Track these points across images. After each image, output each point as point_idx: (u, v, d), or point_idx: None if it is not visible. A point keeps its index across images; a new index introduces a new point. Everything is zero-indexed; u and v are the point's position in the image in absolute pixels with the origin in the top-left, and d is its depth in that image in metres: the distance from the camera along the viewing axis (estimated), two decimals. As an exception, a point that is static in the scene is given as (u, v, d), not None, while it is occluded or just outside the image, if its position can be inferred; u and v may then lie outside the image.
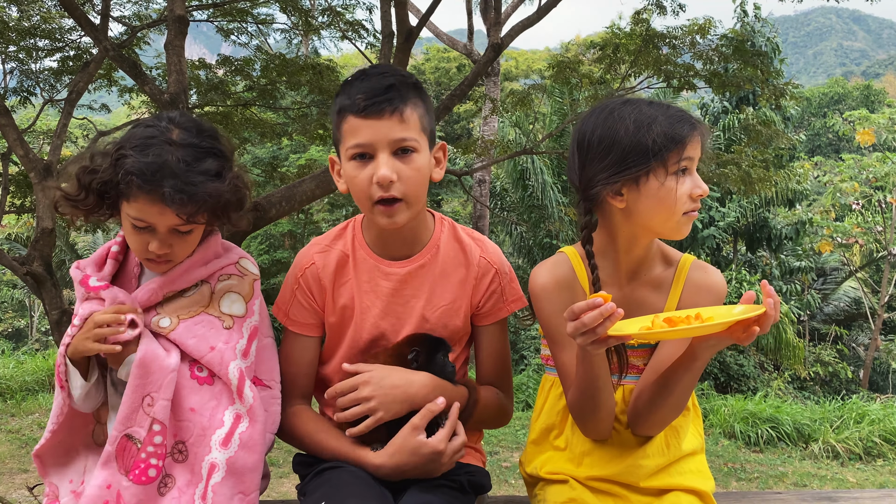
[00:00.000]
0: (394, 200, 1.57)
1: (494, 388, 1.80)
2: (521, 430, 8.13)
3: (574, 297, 1.61)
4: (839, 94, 43.13)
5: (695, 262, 1.64)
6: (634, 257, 1.62)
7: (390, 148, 1.56)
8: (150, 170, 1.46)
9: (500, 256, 1.79)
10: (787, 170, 15.27)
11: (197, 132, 1.55)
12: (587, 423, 1.60)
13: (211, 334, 1.59)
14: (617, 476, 1.60)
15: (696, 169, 1.54)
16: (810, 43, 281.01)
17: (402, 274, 1.71)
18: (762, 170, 7.87)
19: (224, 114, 8.69)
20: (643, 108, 1.54)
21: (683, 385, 1.49)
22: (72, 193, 1.55)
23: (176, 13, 5.14)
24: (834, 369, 15.00)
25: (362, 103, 1.56)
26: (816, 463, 7.39)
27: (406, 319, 1.72)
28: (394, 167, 1.56)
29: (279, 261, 15.52)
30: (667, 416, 1.56)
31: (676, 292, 1.61)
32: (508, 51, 12.38)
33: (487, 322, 1.77)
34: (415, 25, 5.89)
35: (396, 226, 1.61)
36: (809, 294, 16.74)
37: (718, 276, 1.63)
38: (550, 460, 1.69)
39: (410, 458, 1.55)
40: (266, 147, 14.63)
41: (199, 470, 1.51)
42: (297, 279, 1.75)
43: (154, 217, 1.51)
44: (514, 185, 14.45)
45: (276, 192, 5.31)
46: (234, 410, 1.55)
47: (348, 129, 1.59)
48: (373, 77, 1.60)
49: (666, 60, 7.55)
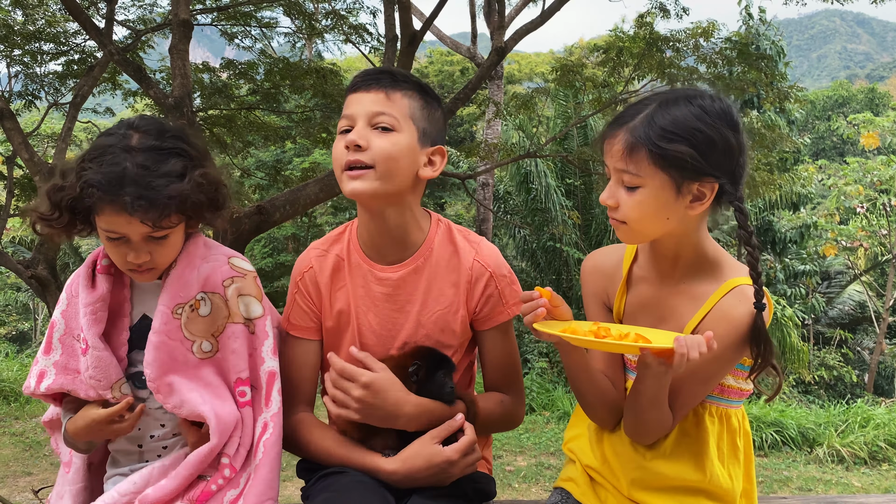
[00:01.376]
0: (363, 167, 1.57)
1: (499, 393, 1.77)
2: (525, 434, 8.11)
3: (612, 285, 1.64)
4: (843, 98, 43.02)
5: (737, 289, 1.49)
6: (663, 258, 1.57)
7: (367, 119, 1.60)
8: (107, 180, 1.43)
9: (497, 259, 1.74)
10: (791, 173, 15.23)
11: (158, 134, 1.51)
12: (583, 407, 1.65)
13: (244, 345, 1.60)
14: (608, 475, 1.62)
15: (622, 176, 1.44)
16: (814, 46, 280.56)
17: (396, 279, 1.70)
18: (766, 173, 7.87)
19: (228, 117, 8.71)
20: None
21: (641, 404, 1.47)
22: (46, 213, 1.51)
23: (180, 17, 5.15)
24: (839, 373, 14.94)
25: (357, 81, 1.64)
26: (821, 467, 7.35)
27: (402, 324, 1.70)
28: (366, 136, 1.58)
29: (282, 264, 15.54)
30: (636, 428, 1.54)
31: (705, 311, 1.51)
32: (512, 54, 12.37)
33: (487, 327, 1.74)
34: (418, 29, 5.90)
35: (359, 194, 1.59)
36: (814, 298, 16.68)
37: (746, 311, 1.44)
38: (577, 437, 1.73)
39: (424, 466, 1.55)
40: (270, 150, 14.66)
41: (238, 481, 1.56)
42: (296, 283, 1.75)
43: (123, 227, 1.47)
44: (517, 189, 14.42)
45: (279, 196, 5.32)
46: (261, 420, 1.58)
47: (343, 108, 1.65)
48: (374, 67, 1.69)
49: (669, 63, 7.55)
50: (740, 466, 1.58)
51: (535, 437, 7.93)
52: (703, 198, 1.43)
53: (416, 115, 1.64)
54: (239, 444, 1.57)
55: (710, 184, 1.42)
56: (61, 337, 1.60)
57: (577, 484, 1.66)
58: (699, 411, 1.56)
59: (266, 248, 16.23)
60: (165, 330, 1.54)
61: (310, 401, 1.77)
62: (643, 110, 1.44)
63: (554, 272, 13.88)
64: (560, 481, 1.71)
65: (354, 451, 1.62)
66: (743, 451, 1.59)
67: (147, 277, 1.57)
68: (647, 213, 1.43)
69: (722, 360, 1.47)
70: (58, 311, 1.62)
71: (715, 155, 1.40)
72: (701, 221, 1.50)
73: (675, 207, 1.43)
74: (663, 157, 1.39)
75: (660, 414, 1.48)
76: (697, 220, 1.49)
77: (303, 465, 1.75)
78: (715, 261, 1.54)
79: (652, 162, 1.40)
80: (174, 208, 1.47)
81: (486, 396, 1.76)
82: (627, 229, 1.47)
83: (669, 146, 1.39)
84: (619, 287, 1.62)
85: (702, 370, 1.44)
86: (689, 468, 1.54)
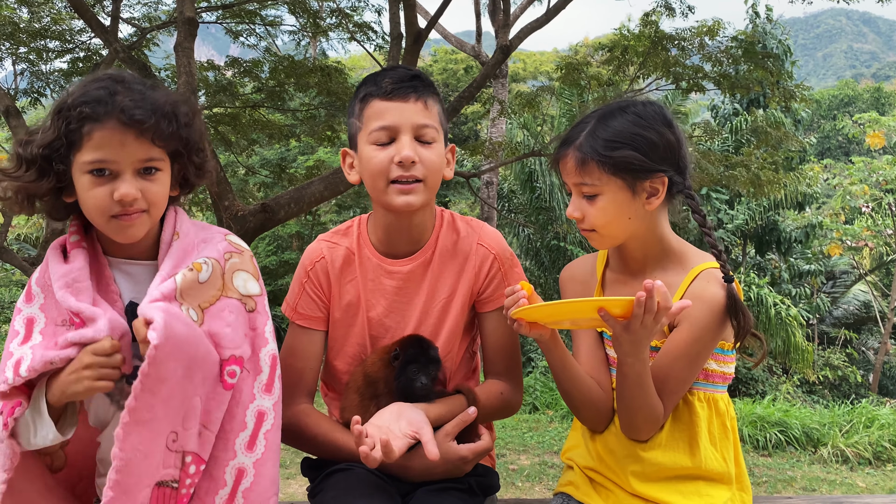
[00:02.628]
0: (414, 180, 1.60)
1: (500, 383, 1.78)
2: (528, 433, 8.11)
3: (588, 291, 1.74)
4: (849, 97, 42.92)
5: (704, 273, 1.61)
6: (631, 258, 1.68)
7: (413, 131, 1.60)
8: (99, 96, 1.34)
9: (500, 241, 1.79)
10: (796, 172, 15.18)
11: (143, 78, 1.46)
12: (571, 409, 1.71)
13: (240, 321, 1.44)
14: (606, 472, 1.66)
15: (581, 189, 1.57)
16: (820, 45, 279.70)
17: (406, 272, 1.73)
18: (772, 172, 7.84)
19: (232, 115, 8.71)
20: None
21: (628, 389, 1.53)
22: (9, 170, 1.38)
23: (186, 15, 5.16)
24: (843, 373, 14.88)
25: (389, 87, 1.61)
26: (826, 468, 7.33)
27: (410, 315, 1.74)
28: (416, 150, 1.59)
29: (287, 262, 15.54)
30: (630, 421, 1.59)
31: (678, 298, 1.60)
32: (516, 52, 12.36)
33: (490, 308, 1.77)
34: (423, 27, 5.90)
35: (412, 207, 1.62)
36: (819, 297, 16.63)
37: (717, 290, 1.55)
38: (574, 446, 1.78)
39: (439, 462, 1.55)
40: (274, 149, 14.66)
41: (221, 475, 1.39)
42: (306, 272, 1.76)
43: (116, 151, 1.35)
44: (521, 187, 14.41)
45: (284, 194, 5.33)
46: (255, 408, 1.43)
47: (372, 113, 1.62)
48: (398, 69, 1.66)
49: (675, 62, 7.53)
50: (731, 449, 1.66)
51: (539, 436, 7.93)
52: (657, 193, 1.58)
53: (441, 119, 1.68)
54: (204, 430, 1.37)
55: (661, 178, 1.56)
56: (43, 329, 1.42)
57: (577, 486, 1.71)
58: (688, 398, 1.63)
59: (270, 245, 16.23)
60: (163, 290, 1.36)
61: (311, 392, 1.78)
62: (585, 128, 1.59)
63: (558, 270, 13.83)
64: (560, 486, 1.76)
65: None
66: (731, 434, 1.67)
67: (136, 229, 1.40)
68: (611, 216, 1.57)
69: (704, 340, 1.56)
70: (34, 308, 1.44)
71: (657, 152, 1.56)
72: (661, 217, 1.63)
73: (634, 206, 1.57)
74: (612, 164, 1.53)
75: (649, 398, 1.54)
76: (657, 216, 1.62)
77: (308, 464, 1.75)
78: (680, 252, 1.66)
79: (603, 170, 1.54)
80: (168, 125, 1.38)
81: (487, 389, 1.76)
82: (597, 235, 1.61)
83: (615, 153, 1.53)
84: (594, 292, 1.74)
85: (686, 351, 1.55)
86: (685, 455, 1.61)
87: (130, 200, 1.36)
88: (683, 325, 1.55)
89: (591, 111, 1.65)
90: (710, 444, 1.62)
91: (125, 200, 1.35)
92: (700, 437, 1.61)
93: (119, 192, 1.35)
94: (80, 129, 1.33)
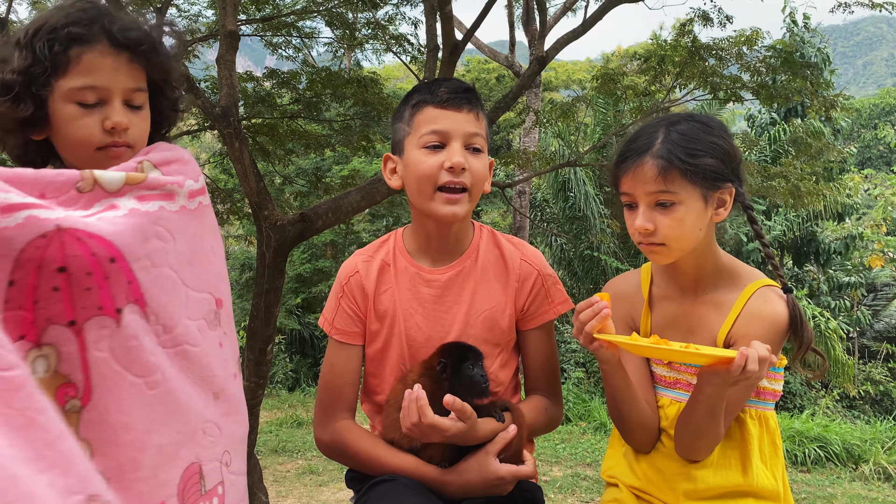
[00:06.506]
0: (461, 189, 1.62)
1: (544, 400, 1.80)
2: (561, 445, 8.06)
3: (635, 308, 1.72)
4: (890, 106, 41.94)
5: (761, 290, 1.58)
6: (684, 275, 1.64)
7: (464, 140, 1.63)
8: (88, 16, 1.22)
9: (541, 260, 1.81)
10: (836, 183, 14.90)
11: None
12: (622, 431, 1.68)
13: None
14: (655, 492, 1.64)
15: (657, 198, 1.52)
16: (860, 53, 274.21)
17: (444, 280, 1.74)
18: (811, 183, 7.71)
19: (270, 126, 8.85)
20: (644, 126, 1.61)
21: (698, 416, 1.50)
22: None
23: (228, 29, 5.26)
24: (885, 388, 14.53)
25: (445, 95, 1.64)
26: (867, 485, 7.16)
27: (450, 325, 1.73)
28: (466, 158, 1.63)
29: (321, 270, 15.68)
30: (690, 444, 1.57)
31: (733, 316, 1.58)
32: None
33: (533, 325, 1.78)
34: (460, 39, 5.94)
35: (457, 217, 1.64)
36: (859, 310, 16.26)
37: (778, 307, 1.53)
38: (616, 465, 1.76)
39: (479, 480, 1.57)
40: (310, 158, 14.83)
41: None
42: (341, 287, 1.78)
43: (107, 76, 1.23)
44: (554, 197, 14.37)
45: (322, 204, 5.37)
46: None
47: (424, 119, 1.65)
48: (453, 81, 1.70)
49: (712, 72, 7.46)
50: (780, 466, 1.64)
51: (572, 448, 7.87)
52: (725, 204, 1.55)
53: (487, 133, 1.71)
54: None
55: (729, 189, 1.55)
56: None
57: (623, 503, 1.69)
58: (740, 416, 1.62)
59: (305, 254, 16.40)
60: None
61: (352, 407, 1.79)
62: (656, 136, 1.54)
63: (591, 281, 13.78)
64: (604, 503, 1.74)
65: (409, 461, 1.64)
66: (779, 451, 1.66)
67: (120, 156, 1.26)
68: (686, 227, 1.52)
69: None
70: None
71: (730, 162, 1.54)
72: (712, 233, 1.61)
73: (705, 218, 1.54)
74: (694, 172, 1.50)
75: (715, 425, 1.52)
76: (711, 232, 1.59)
77: (351, 476, 1.78)
78: (732, 269, 1.63)
79: (685, 178, 1.50)
80: (161, 51, 1.29)
81: (532, 406, 1.77)
82: (665, 250, 1.55)
83: (698, 161, 1.50)
84: (642, 309, 1.72)
85: None
86: (737, 473, 1.59)
87: (124, 128, 1.26)
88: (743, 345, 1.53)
89: (656, 120, 1.61)
90: (762, 462, 1.61)
91: (118, 128, 1.25)
92: (752, 455, 1.60)
93: (111, 119, 1.24)
94: (66, 51, 1.20)
